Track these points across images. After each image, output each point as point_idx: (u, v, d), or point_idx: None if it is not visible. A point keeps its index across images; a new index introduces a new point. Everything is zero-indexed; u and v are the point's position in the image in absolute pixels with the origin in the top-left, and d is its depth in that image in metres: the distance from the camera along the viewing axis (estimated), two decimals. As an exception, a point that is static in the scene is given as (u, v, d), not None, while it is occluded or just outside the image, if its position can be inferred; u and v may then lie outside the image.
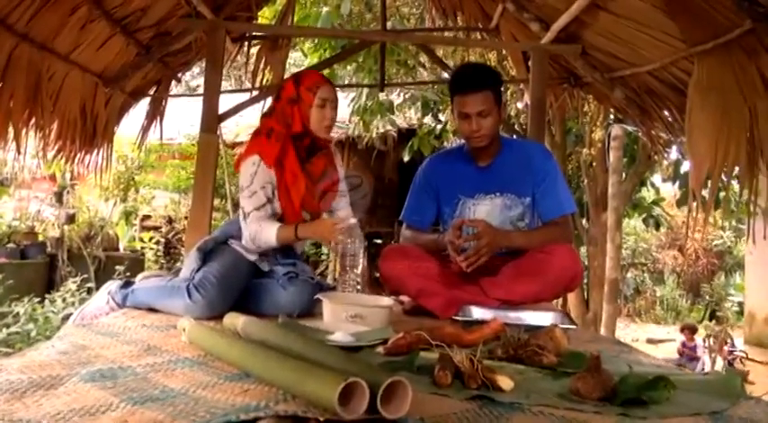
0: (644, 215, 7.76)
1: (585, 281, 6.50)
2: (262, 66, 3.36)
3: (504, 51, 3.60)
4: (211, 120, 2.78)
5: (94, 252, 5.18)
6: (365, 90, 6.05)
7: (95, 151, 3.09)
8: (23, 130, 2.38)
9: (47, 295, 4.14)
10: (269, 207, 2.02)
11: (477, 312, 1.96)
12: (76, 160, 2.95)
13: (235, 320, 1.61)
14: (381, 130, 7.95)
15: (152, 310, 1.92)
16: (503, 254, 2.23)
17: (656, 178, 7.89)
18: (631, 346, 1.77)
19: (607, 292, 4.56)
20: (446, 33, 3.75)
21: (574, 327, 1.77)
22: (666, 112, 2.83)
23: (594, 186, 6.00)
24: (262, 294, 1.95)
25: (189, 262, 1.97)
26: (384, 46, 3.64)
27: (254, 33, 3.41)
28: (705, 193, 2.28)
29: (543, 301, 2.15)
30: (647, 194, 8.13)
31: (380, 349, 1.47)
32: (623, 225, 11.61)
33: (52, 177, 6.59)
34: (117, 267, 4.47)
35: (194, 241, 2.26)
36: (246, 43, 3.40)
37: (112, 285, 2.03)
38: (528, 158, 2.23)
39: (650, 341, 9.58)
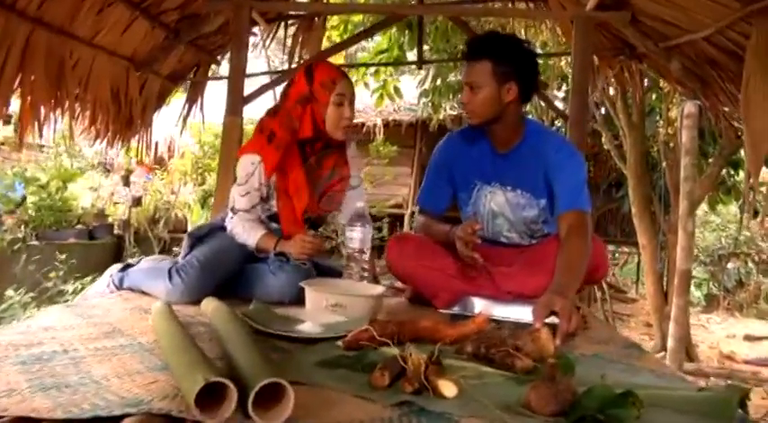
0: (741, 201, 7.07)
1: (665, 271, 6.05)
2: (298, 46, 3.30)
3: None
4: (236, 102, 2.75)
5: (160, 234, 5.41)
6: (431, 71, 5.89)
7: (136, 135, 3.17)
8: (50, 115, 2.44)
9: (109, 274, 4.34)
10: (259, 208, 1.96)
11: (480, 305, 1.80)
12: (115, 144, 3.03)
13: (208, 306, 1.56)
14: (453, 112, 7.77)
15: (144, 292, 1.91)
16: (516, 245, 2.06)
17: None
18: (643, 350, 1.55)
19: (677, 284, 4.16)
20: (494, 5, 3.51)
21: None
22: (730, 84, 2.48)
23: (674, 169, 5.50)
24: (253, 279, 1.89)
25: (183, 247, 1.95)
26: (422, 20, 3.46)
27: (289, 13, 3.35)
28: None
29: None
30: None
31: (339, 343, 1.35)
32: (724, 212, 10.69)
33: (139, 162, 6.95)
34: (175, 249, 4.63)
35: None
36: (283, 23, 3.34)
37: (114, 268, 2.04)
38: (542, 155, 1.94)
39: (748, 338, 8.80)
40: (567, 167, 1.91)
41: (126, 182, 5.47)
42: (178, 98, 3.67)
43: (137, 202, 5.43)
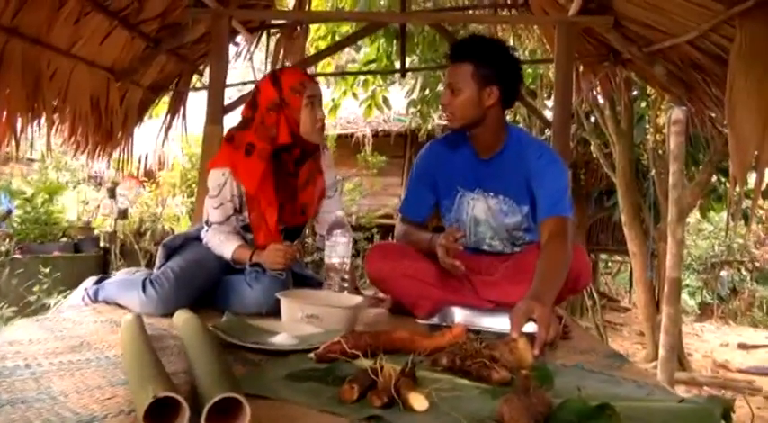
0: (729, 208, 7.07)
1: (657, 280, 6.02)
2: (281, 55, 3.28)
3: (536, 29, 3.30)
4: (216, 111, 2.72)
5: (146, 246, 5.36)
6: (419, 81, 5.88)
7: (118, 147, 3.12)
8: (27, 126, 2.39)
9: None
10: (233, 219, 1.93)
11: (461, 315, 1.76)
12: (96, 156, 2.99)
13: (179, 318, 1.52)
14: (442, 122, 7.77)
15: (119, 305, 1.86)
16: (499, 253, 2.02)
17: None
18: (625, 360, 1.51)
19: (667, 292, 4.12)
20: (481, 12, 3.49)
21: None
22: (716, 89, 2.46)
23: (663, 177, 5.50)
24: (230, 291, 1.85)
25: (157, 258, 1.91)
26: (404, 27, 3.44)
27: (272, 22, 3.33)
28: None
29: None
30: (735, 186, 7.40)
31: (311, 355, 1.31)
32: (717, 220, 10.69)
33: (129, 175, 6.90)
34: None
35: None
36: (266, 32, 3.32)
37: (89, 281, 2.00)
38: (524, 161, 1.91)
39: (742, 346, 8.78)
40: (549, 173, 1.88)
41: (112, 194, 5.42)
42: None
43: (123, 214, 5.37)
